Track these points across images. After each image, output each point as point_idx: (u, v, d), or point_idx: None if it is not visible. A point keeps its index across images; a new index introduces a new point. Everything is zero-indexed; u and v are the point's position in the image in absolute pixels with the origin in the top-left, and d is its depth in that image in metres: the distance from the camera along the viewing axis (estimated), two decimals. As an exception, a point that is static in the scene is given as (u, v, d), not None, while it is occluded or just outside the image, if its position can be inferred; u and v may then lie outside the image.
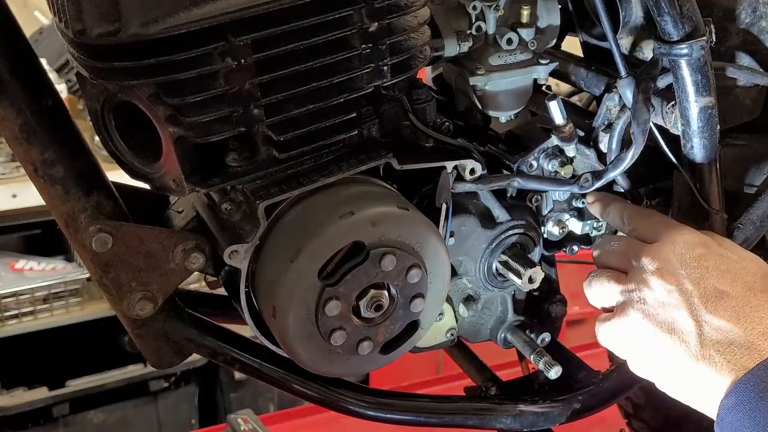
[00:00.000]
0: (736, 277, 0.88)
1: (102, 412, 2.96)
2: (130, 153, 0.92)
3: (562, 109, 1.03)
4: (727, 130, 1.13)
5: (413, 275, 0.94)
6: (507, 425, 1.20)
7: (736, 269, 0.89)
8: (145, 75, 0.82)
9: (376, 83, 0.93)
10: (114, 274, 0.93)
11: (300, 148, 0.92)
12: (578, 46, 1.18)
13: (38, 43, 3.11)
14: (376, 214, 0.92)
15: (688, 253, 0.90)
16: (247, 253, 0.93)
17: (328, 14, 0.86)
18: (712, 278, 0.88)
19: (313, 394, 1.10)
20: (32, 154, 0.89)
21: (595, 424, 1.50)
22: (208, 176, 0.90)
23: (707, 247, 0.91)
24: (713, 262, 0.89)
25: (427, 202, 1.03)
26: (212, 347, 1.06)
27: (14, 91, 0.87)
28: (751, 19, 1.12)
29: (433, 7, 1.03)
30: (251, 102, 0.87)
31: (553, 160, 1.09)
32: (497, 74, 1.08)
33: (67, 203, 0.92)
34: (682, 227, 0.95)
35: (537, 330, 1.19)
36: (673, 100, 1.03)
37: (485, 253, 1.11)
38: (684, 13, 0.95)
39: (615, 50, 1.01)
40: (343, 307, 0.92)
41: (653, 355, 0.90)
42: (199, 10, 0.79)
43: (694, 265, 0.89)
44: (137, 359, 2.87)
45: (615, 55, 1.01)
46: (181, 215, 1.03)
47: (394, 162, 0.97)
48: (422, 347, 1.12)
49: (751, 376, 0.80)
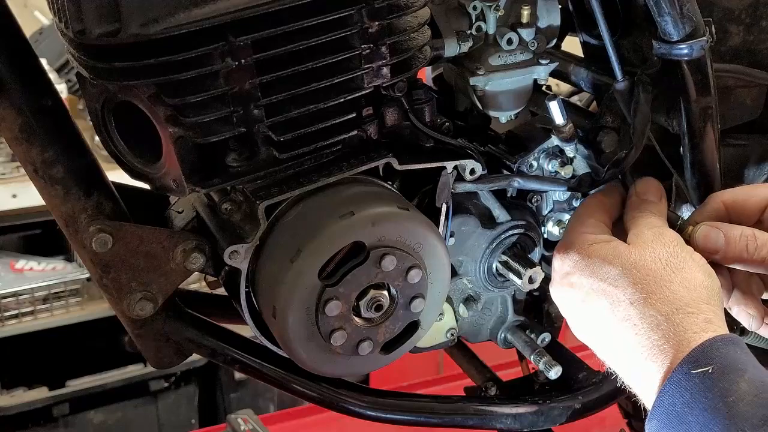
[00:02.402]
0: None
1: (102, 412, 2.96)
2: (130, 153, 0.92)
3: (562, 109, 1.03)
4: (727, 130, 1.13)
5: (413, 275, 0.94)
6: (507, 425, 1.20)
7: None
8: (145, 75, 0.82)
9: (376, 83, 0.93)
10: (114, 275, 0.93)
11: (300, 148, 0.92)
12: (578, 46, 1.18)
13: (38, 43, 3.11)
14: (376, 215, 0.92)
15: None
16: (248, 254, 0.93)
17: (328, 14, 0.86)
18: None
19: (313, 394, 1.10)
20: (32, 154, 0.89)
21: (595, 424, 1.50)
22: (208, 176, 0.90)
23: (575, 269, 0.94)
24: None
25: (427, 202, 1.03)
26: (212, 347, 1.06)
27: (14, 91, 0.87)
28: (752, 19, 1.12)
29: (433, 7, 1.03)
30: (251, 102, 0.87)
31: (553, 161, 1.09)
32: (497, 74, 1.07)
33: (67, 203, 0.92)
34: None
35: (537, 330, 1.19)
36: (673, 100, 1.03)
37: (485, 253, 1.11)
38: (684, 13, 0.95)
39: (611, 54, 1.01)
40: (343, 307, 0.92)
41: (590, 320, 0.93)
42: (199, 11, 0.79)
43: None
44: (137, 359, 2.87)
45: (611, 59, 1.01)
46: (181, 215, 1.03)
47: (394, 162, 0.97)
48: (422, 347, 1.12)
49: (663, 398, 0.81)
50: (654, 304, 0.86)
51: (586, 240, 0.95)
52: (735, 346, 0.82)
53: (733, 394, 0.77)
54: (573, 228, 0.99)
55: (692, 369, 0.79)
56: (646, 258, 0.90)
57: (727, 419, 0.76)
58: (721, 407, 0.76)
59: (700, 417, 0.77)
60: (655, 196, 0.99)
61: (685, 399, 0.78)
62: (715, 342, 0.81)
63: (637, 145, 1.01)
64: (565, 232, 1.00)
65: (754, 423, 0.75)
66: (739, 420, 0.75)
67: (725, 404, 0.76)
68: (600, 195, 1.04)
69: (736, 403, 0.76)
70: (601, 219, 0.99)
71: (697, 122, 1.01)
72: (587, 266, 0.92)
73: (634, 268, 0.89)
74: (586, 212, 1.01)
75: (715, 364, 0.79)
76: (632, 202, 1.00)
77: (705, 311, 0.85)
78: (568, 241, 0.97)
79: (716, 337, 0.82)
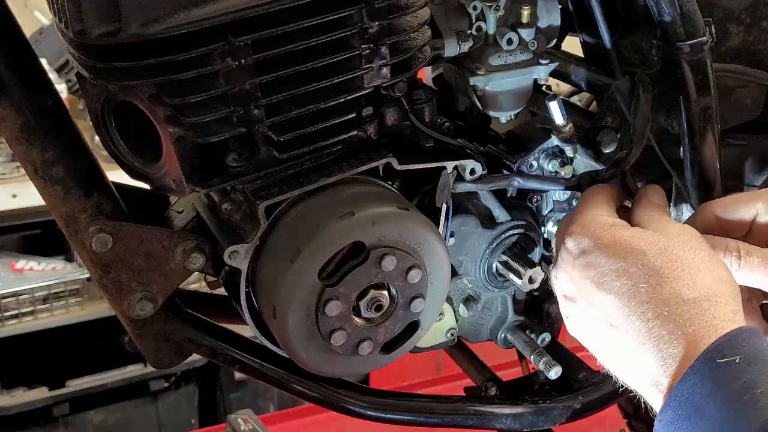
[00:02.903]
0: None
1: (102, 412, 2.96)
2: (130, 153, 0.92)
3: (562, 110, 1.03)
4: (727, 130, 1.13)
5: (413, 275, 0.94)
6: (507, 425, 1.20)
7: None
8: (145, 75, 0.82)
9: (376, 83, 0.93)
10: (114, 275, 0.93)
11: (300, 148, 0.92)
12: (578, 46, 1.18)
13: (38, 43, 3.11)
14: (377, 215, 0.92)
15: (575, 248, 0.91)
16: (248, 254, 0.93)
17: (328, 15, 0.86)
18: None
19: (313, 394, 1.10)
20: (32, 154, 0.89)
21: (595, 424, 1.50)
22: (208, 176, 0.90)
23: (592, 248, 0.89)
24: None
25: (427, 202, 1.03)
26: (212, 347, 1.06)
27: (14, 91, 0.87)
28: (752, 19, 1.12)
29: (433, 7, 1.03)
30: (251, 102, 0.87)
31: (553, 161, 1.09)
32: (497, 74, 1.07)
33: (67, 203, 0.92)
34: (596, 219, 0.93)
35: (537, 330, 1.19)
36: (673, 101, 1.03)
37: (485, 253, 1.11)
38: (684, 14, 0.95)
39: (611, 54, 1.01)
40: (343, 307, 0.92)
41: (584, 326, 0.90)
42: (199, 11, 0.79)
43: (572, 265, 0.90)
44: (137, 359, 2.87)
45: (611, 59, 1.01)
46: (181, 215, 1.03)
47: (394, 162, 0.97)
48: (422, 347, 1.12)
49: (683, 386, 0.76)
50: (681, 288, 0.82)
51: (606, 221, 0.91)
52: (760, 338, 0.79)
53: (762, 386, 0.72)
54: (585, 210, 0.95)
55: (717, 358, 0.75)
56: (674, 245, 0.86)
57: (753, 411, 0.71)
58: (747, 399, 0.72)
59: (723, 409, 0.73)
60: (662, 202, 0.99)
61: (707, 389, 0.74)
62: (742, 332, 0.78)
63: (637, 145, 1.01)
64: (574, 215, 0.96)
65: None
66: (766, 413, 0.71)
67: (752, 396, 0.72)
68: (606, 186, 1.02)
69: (764, 394, 0.72)
70: (612, 207, 0.97)
71: (697, 122, 1.01)
72: (608, 246, 0.87)
73: (662, 253, 0.85)
74: (597, 198, 0.97)
75: (742, 355, 0.75)
76: (642, 203, 0.98)
77: (731, 304, 0.82)
78: (582, 222, 0.92)
79: (743, 328, 0.79)
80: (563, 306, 0.94)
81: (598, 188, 1.01)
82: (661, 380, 0.79)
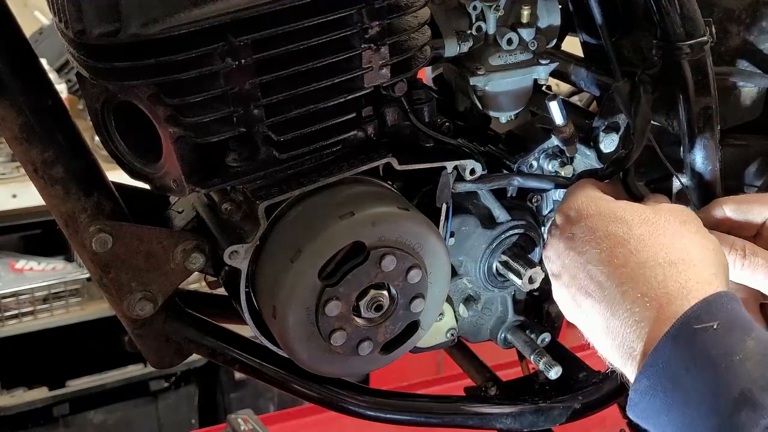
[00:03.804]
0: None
1: (102, 412, 2.96)
2: (130, 153, 0.92)
3: (562, 110, 1.03)
4: (728, 130, 1.13)
5: (413, 275, 0.94)
6: (507, 425, 1.20)
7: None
8: (145, 75, 0.82)
9: (376, 83, 0.93)
10: (114, 274, 0.93)
11: (300, 148, 0.92)
12: (578, 46, 1.18)
13: (38, 43, 3.10)
14: (377, 215, 0.92)
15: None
16: (248, 254, 0.93)
17: (328, 15, 0.86)
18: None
19: (313, 394, 1.10)
20: (32, 154, 0.89)
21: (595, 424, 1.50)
22: (208, 176, 0.90)
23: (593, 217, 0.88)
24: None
25: (428, 202, 1.03)
26: (212, 347, 1.06)
27: (14, 91, 0.87)
28: (752, 19, 1.12)
29: (433, 7, 1.03)
30: (251, 102, 0.87)
31: (553, 161, 1.09)
32: (497, 74, 1.08)
33: (67, 203, 0.92)
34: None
35: (537, 330, 1.19)
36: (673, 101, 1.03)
37: (485, 253, 1.11)
38: (684, 14, 0.95)
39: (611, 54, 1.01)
40: (343, 307, 0.92)
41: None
42: (199, 11, 0.79)
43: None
44: (137, 359, 2.87)
45: (611, 59, 1.01)
46: (181, 215, 1.03)
47: (394, 162, 0.97)
48: (422, 347, 1.12)
49: (658, 353, 0.73)
50: (659, 252, 0.80)
51: (593, 195, 0.91)
52: (739, 303, 0.76)
53: (741, 353, 0.70)
54: (575, 189, 0.95)
55: (694, 324, 0.72)
56: (660, 216, 0.85)
57: (731, 379, 0.69)
58: (725, 367, 0.69)
59: (700, 377, 0.70)
60: None
61: (684, 356, 0.72)
62: (719, 297, 0.75)
63: (637, 145, 1.00)
64: (564, 197, 0.96)
65: (761, 385, 0.68)
66: (745, 381, 0.68)
67: (731, 364, 0.70)
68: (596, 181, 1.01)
69: (743, 362, 0.69)
70: (601, 188, 0.96)
71: (697, 122, 1.01)
72: (592, 216, 0.87)
73: (645, 222, 0.84)
74: (587, 181, 0.98)
75: (720, 320, 0.72)
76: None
77: (710, 268, 0.80)
78: (569, 198, 0.92)
79: (721, 293, 0.76)
80: (553, 286, 0.92)
81: (586, 179, 1.00)
82: (635, 345, 0.77)
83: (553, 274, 0.92)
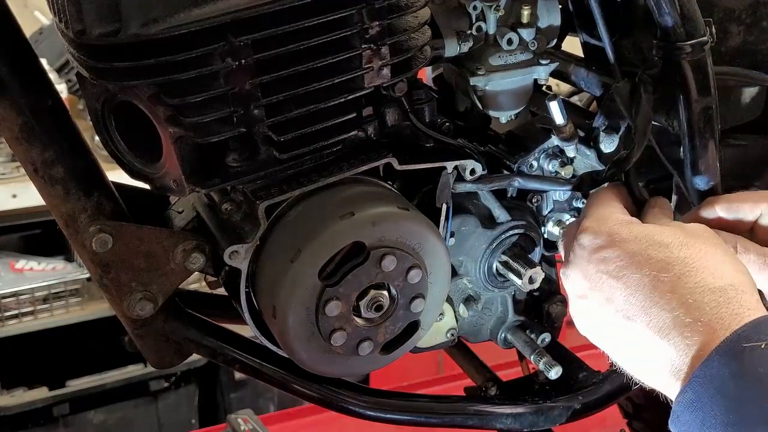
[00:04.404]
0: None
1: (102, 412, 2.96)
2: (130, 153, 0.92)
3: (562, 110, 1.03)
4: (728, 130, 1.13)
5: (413, 276, 0.94)
6: (507, 425, 1.20)
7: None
8: (146, 75, 0.82)
9: (376, 83, 0.93)
10: (114, 274, 0.94)
11: (300, 148, 0.92)
12: (578, 46, 1.18)
13: (38, 43, 3.10)
14: (377, 215, 0.92)
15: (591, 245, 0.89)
16: (248, 254, 0.93)
17: (328, 15, 0.86)
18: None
19: (313, 394, 1.10)
20: (32, 154, 0.89)
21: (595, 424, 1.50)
22: (209, 176, 0.90)
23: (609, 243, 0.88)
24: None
25: (428, 202, 1.03)
26: (212, 347, 1.06)
27: (14, 91, 0.87)
28: (752, 19, 1.12)
29: (434, 7, 1.03)
30: (252, 102, 0.87)
31: (554, 161, 1.09)
32: (497, 74, 1.08)
33: (67, 203, 0.92)
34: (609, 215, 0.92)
35: (537, 330, 1.19)
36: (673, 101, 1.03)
37: (485, 253, 1.11)
38: (684, 14, 0.95)
39: (611, 54, 1.01)
40: (343, 307, 0.92)
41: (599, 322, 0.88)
42: (200, 10, 0.79)
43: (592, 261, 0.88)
44: (137, 359, 2.86)
45: (611, 59, 1.01)
46: (181, 215, 1.03)
47: (394, 162, 0.97)
48: (422, 347, 1.12)
49: (706, 368, 0.75)
50: (707, 278, 0.81)
51: (621, 218, 0.90)
52: None
53: None
54: (598, 207, 0.94)
55: (743, 342, 0.74)
56: (695, 238, 0.85)
57: None
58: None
59: (746, 390, 0.72)
60: (670, 215, 0.98)
61: (731, 371, 0.73)
62: (767, 319, 0.77)
63: (638, 145, 1.00)
64: (586, 212, 0.94)
65: None
66: None
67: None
68: (614, 186, 1.01)
69: None
70: (623, 205, 0.96)
71: (697, 122, 1.01)
72: (627, 240, 0.86)
73: (685, 245, 0.84)
74: (608, 195, 0.97)
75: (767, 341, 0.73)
76: (653, 211, 0.97)
77: (755, 294, 0.81)
78: (597, 218, 0.91)
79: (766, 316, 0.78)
80: (575, 305, 0.92)
81: (608, 188, 1.00)
82: (683, 368, 0.78)
83: (577, 296, 0.91)
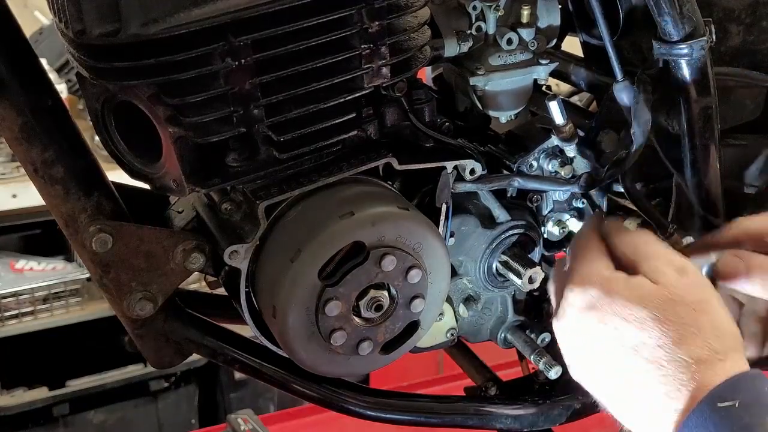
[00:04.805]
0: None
1: (102, 412, 2.96)
2: (130, 153, 0.92)
3: (562, 109, 1.03)
4: (728, 130, 1.13)
5: (413, 275, 0.94)
6: (507, 425, 1.20)
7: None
8: (145, 75, 0.82)
9: (376, 83, 0.93)
10: (114, 274, 0.93)
11: (300, 148, 0.92)
12: (578, 46, 1.18)
13: (38, 43, 3.10)
14: (376, 215, 0.92)
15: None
16: (247, 254, 0.93)
17: (328, 15, 0.86)
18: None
19: (313, 394, 1.10)
20: (32, 154, 0.89)
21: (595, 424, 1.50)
22: (208, 176, 0.90)
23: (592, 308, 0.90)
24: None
25: (428, 202, 1.03)
26: (212, 347, 1.06)
27: (14, 91, 0.87)
28: (752, 19, 1.12)
29: (433, 7, 1.03)
30: (251, 102, 0.87)
31: (553, 161, 1.09)
32: (497, 74, 1.08)
33: (67, 203, 0.92)
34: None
35: (537, 330, 1.19)
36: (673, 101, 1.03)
37: (485, 253, 1.11)
38: (684, 13, 0.95)
39: (611, 54, 1.01)
40: (343, 307, 0.92)
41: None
42: (200, 10, 0.79)
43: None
44: (137, 359, 2.87)
45: (611, 59, 1.01)
46: (181, 215, 1.03)
47: (394, 162, 0.97)
48: (422, 347, 1.12)
49: (684, 429, 0.81)
50: (684, 349, 0.84)
51: (602, 274, 0.92)
52: (762, 381, 0.82)
53: (759, 429, 0.78)
54: (583, 262, 0.95)
55: (718, 402, 0.79)
56: (673, 301, 0.87)
57: None
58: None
59: None
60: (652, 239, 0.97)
61: (707, 431, 0.79)
62: (742, 377, 0.82)
63: (638, 146, 1.00)
64: (571, 268, 0.95)
65: None
66: None
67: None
68: (596, 232, 1.00)
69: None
70: (607, 255, 0.96)
71: (697, 122, 1.01)
72: (610, 304, 0.88)
73: (662, 311, 0.86)
74: (591, 248, 0.97)
75: (741, 399, 0.79)
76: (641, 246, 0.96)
77: (734, 358, 0.84)
78: (583, 275, 0.93)
79: (742, 373, 0.82)
80: (570, 354, 0.95)
81: (588, 237, 0.99)
82: (667, 428, 0.83)
83: (573, 347, 0.94)
